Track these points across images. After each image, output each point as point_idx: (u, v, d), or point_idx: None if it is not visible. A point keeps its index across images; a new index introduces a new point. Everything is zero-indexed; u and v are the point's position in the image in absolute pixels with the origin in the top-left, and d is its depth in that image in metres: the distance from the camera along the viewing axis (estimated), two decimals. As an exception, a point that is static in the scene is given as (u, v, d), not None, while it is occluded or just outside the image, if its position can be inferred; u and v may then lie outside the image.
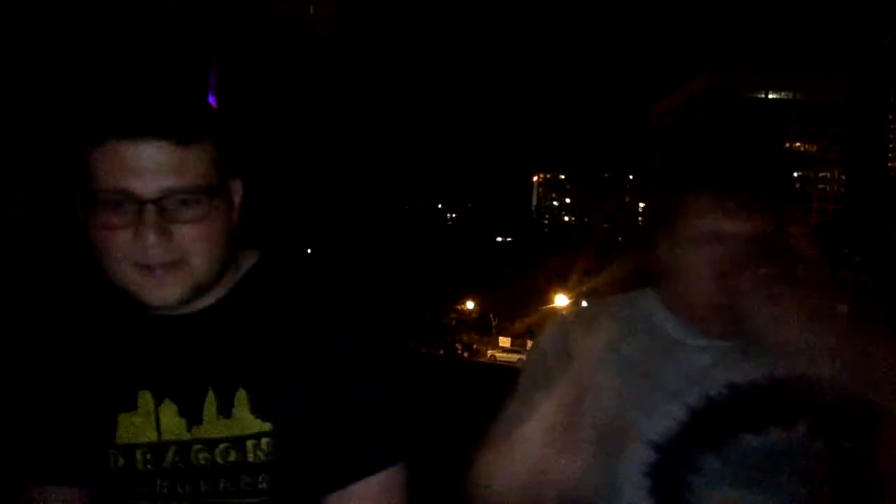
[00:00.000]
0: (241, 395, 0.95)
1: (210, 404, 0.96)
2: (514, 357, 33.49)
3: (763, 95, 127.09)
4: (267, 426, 0.95)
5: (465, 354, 34.54)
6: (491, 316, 43.39)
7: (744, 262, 0.96)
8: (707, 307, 1.03)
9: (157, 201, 0.86)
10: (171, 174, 0.87)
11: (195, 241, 0.90)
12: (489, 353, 38.00)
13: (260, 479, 0.96)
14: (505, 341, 40.17)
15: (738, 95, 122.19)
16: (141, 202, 0.86)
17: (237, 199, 0.99)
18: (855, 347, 0.89)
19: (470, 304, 44.14)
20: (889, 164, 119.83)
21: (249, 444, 0.95)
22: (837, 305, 0.95)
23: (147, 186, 0.86)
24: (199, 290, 0.95)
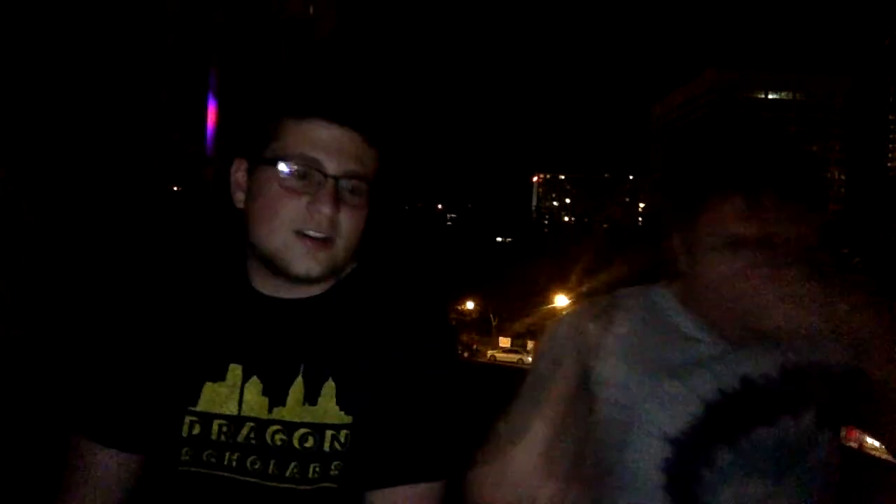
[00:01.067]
0: (329, 385, 0.98)
1: (297, 389, 0.98)
2: (514, 357, 33.55)
3: (763, 95, 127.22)
4: (348, 419, 0.97)
5: (465, 354, 34.48)
6: (491, 316, 43.43)
7: (766, 265, 0.96)
8: (725, 308, 1.03)
9: (339, 179, 0.96)
10: (356, 161, 0.97)
11: (350, 225, 0.98)
12: (489, 353, 38.00)
13: (330, 468, 0.97)
14: (505, 341, 40.21)
15: (739, 95, 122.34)
16: (326, 175, 0.95)
17: None
18: (862, 328, 0.90)
19: (470, 304, 44.20)
20: (889, 164, 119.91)
21: (328, 433, 0.97)
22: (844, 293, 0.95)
23: (336, 164, 0.96)
24: (334, 273, 1.00)
